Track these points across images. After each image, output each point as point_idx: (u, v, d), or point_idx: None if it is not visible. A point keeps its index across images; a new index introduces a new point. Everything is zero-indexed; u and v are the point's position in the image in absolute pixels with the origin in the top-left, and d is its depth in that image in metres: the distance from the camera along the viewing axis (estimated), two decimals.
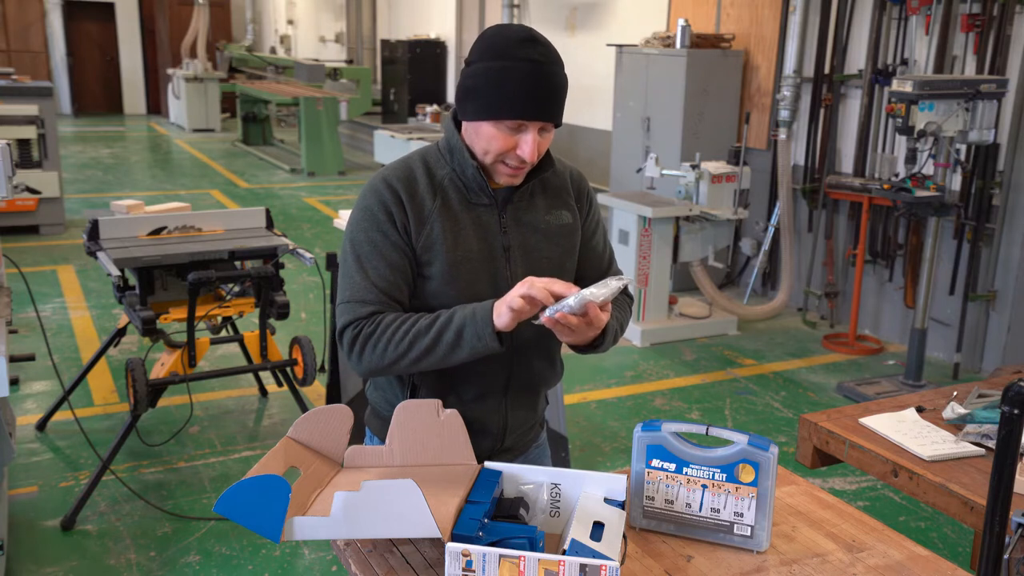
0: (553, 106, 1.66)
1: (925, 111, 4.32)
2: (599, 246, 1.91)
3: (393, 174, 1.74)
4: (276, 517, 1.46)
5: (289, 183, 10.80)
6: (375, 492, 1.43)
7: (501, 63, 1.62)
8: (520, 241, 1.76)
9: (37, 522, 3.41)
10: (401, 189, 1.71)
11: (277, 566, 3.19)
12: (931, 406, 2.39)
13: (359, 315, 1.68)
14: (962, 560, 3.22)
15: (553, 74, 1.64)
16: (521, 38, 1.63)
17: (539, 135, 1.66)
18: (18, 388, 4.54)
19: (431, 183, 1.73)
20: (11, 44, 15.83)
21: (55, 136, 7.68)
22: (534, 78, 1.62)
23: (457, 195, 1.74)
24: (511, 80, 1.62)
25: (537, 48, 1.63)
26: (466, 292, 1.71)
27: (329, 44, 16.09)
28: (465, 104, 1.68)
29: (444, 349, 1.64)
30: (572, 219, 1.83)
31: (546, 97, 1.64)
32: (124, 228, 3.84)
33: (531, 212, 1.79)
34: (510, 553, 1.40)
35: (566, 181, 1.85)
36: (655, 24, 7.47)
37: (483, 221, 1.74)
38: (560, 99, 1.67)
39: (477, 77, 1.65)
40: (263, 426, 4.31)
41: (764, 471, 1.59)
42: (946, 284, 5.31)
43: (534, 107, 1.63)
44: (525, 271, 1.74)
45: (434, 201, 1.71)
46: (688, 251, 5.68)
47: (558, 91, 1.66)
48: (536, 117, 1.64)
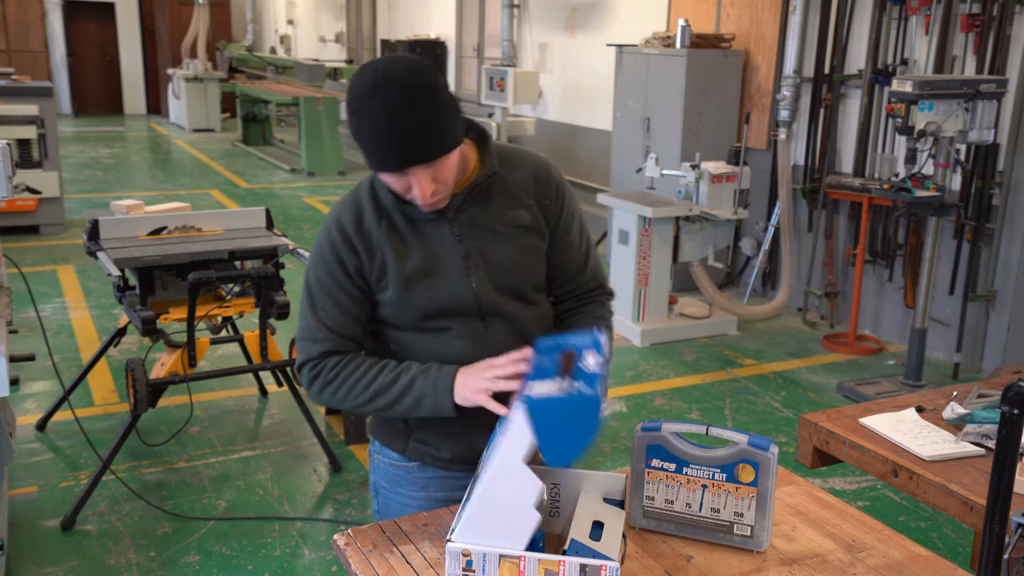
0: (417, 149, 1.56)
1: (925, 111, 4.32)
2: (575, 241, 1.86)
3: (343, 212, 1.73)
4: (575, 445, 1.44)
5: (289, 183, 10.80)
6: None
7: (356, 120, 1.58)
8: (478, 246, 1.73)
9: (37, 522, 3.41)
10: (351, 228, 1.71)
11: (277, 566, 3.18)
12: (931, 406, 2.39)
13: (312, 354, 1.75)
14: (962, 560, 3.22)
15: (405, 120, 1.54)
16: (368, 88, 1.55)
17: (429, 168, 1.59)
18: (18, 388, 4.54)
19: (376, 208, 1.72)
20: (11, 44, 15.83)
21: (55, 136, 7.68)
22: (385, 132, 1.54)
23: (401, 215, 1.71)
24: (366, 137, 1.57)
25: (381, 96, 1.53)
26: (428, 307, 1.72)
27: (329, 44, 16.08)
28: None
29: (402, 410, 1.72)
30: (532, 219, 1.77)
31: (404, 145, 1.55)
32: (124, 228, 3.84)
33: (485, 215, 1.74)
34: (510, 553, 1.40)
35: (527, 179, 1.78)
36: (655, 24, 7.47)
37: (433, 235, 1.72)
38: (423, 135, 1.56)
39: (349, 129, 1.62)
40: (263, 426, 4.31)
41: (764, 471, 1.59)
42: (946, 284, 5.31)
43: (394, 159, 1.57)
44: (489, 275, 1.73)
45: (380, 227, 1.71)
46: (688, 251, 5.68)
47: (417, 131, 1.55)
48: (399, 167, 1.58)
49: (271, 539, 3.35)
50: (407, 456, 1.86)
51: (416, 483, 1.87)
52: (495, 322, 1.75)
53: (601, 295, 1.93)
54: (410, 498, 1.88)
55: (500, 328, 1.75)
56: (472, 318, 1.74)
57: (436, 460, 1.83)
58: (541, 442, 1.42)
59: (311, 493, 3.71)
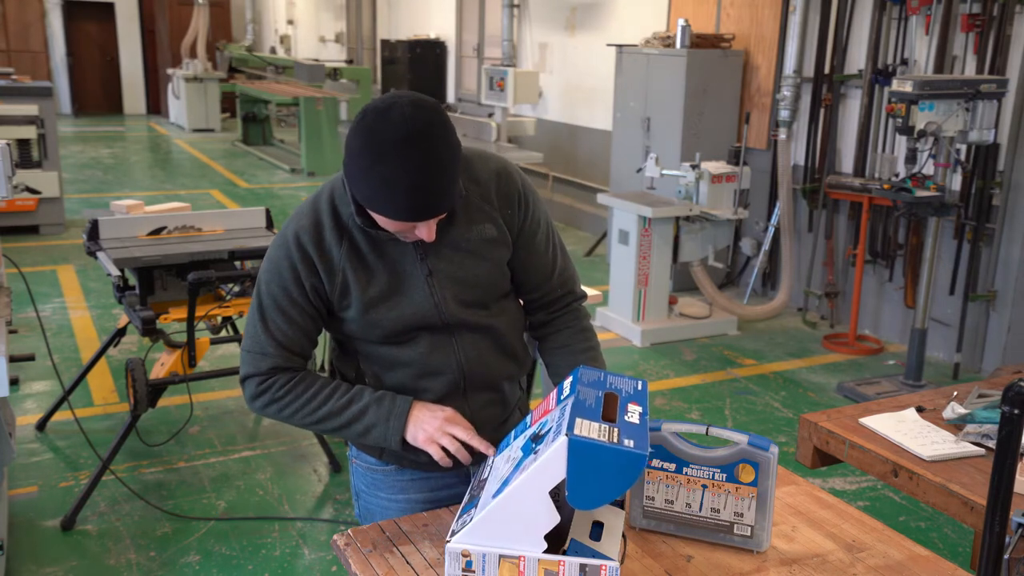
0: (442, 201, 1.55)
1: (925, 111, 4.32)
2: (541, 247, 1.80)
3: (302, 226, 1.67)
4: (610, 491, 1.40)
5: (289, 183, 10.80)
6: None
7: (382, 167, 1.49)
8: (442, 265, 1.70)
9: (37, 522, 3.41)
10: (310, 245, 1.65)
11: (277, 566, 3.18)
12: (931, 406, 2.39)
13: (260, 369, 1.71)
14: (962, 560, 3.22)
15: (436, 172, 1.51)
16: (404, 136, 1.48)
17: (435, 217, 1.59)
18: (18, 388, 4.54)
19: (336, 226, 1.66)
20: (11, 44, 15.83)
21: (55, 136, 7.68)
22: (418, 185, 1.50)
23: (363, 234, 1.67)
24: (395, 187, 1.50)
25: (419, 149, 1.48)
26: (391, 327, 1.70)
27: (329, 44, 16.08)
28: (353, 188, 1.57)
29: (350, 435, 1.74)
30: (497, 231, 1.73)
31: (432, 198, 1.53)
32: (124, 228, 3.84)
33: (449, 233, 1.68)
34: (510, 553, 1.40)
35: (488, 190, 1.73)
36: (655, 24, 7.47)
37: (396, 254, 1.68)
38: (447, 189, 1.54)
39: (361, 172, 1.52)
40: (263, 426, 4.31)
41: (764, 471, 1.59)
42: (946, 284, 5.31)
43: (421, 211, 1.54)
44: (453, 293, 1.71)
45: (340, 246, 1.66)
46: (688, 251, 5.68)
47: (444, 185, 1.53)
48: (425, 218, 1.56)
49: (271, 539, 3.35)
50: (384, 460, 1.86)
51: (395, 486, 1.87)
52: (461, 332, 1.75)
53: (573, 301, 1.88)
54: (389, 501, 1.88)
55: (467, 336, 1.75)
56: (437, 329, 1.73)
57: (413, 463, 1.82)
58: (571, 480, 1.37)
59: (311, 493, 3.71)
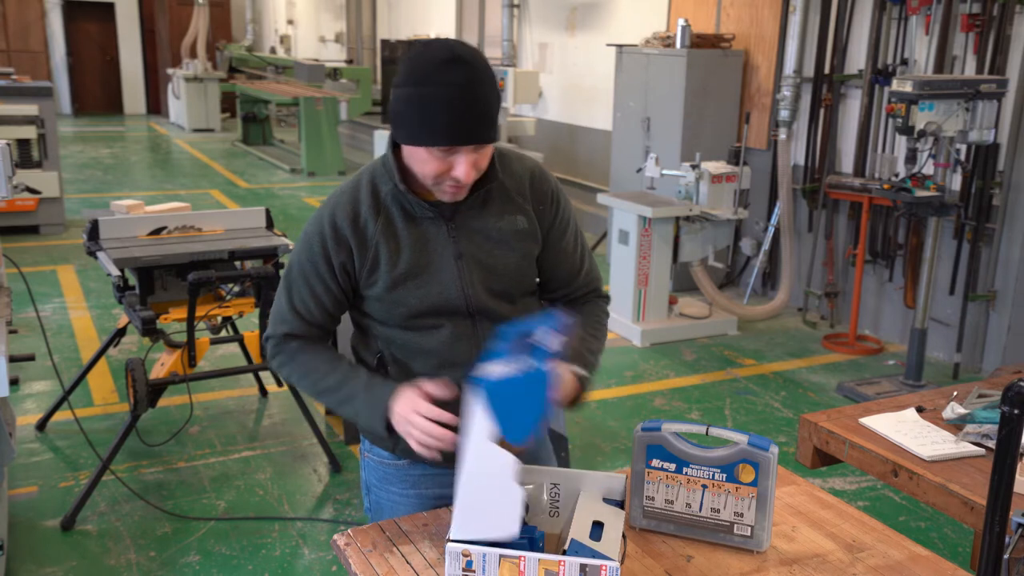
0: (481, 127, 1.60)
1: (925, 111, 4.32)
2: (569, 246, 1.86)
3: (340, 203, 1.74)
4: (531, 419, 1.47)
5: (289, 183, 10.80)
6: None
7: (424, 89, 1.57)
8: (472, 249, 1.74)
9: (37, 522, 3.41)
10: (345, 221, 1.71)
11: (277, 566, 3.19)
12: (931, 406, 2.39)
13: (276, 332, 1.81)
14: (962, 560, 3.22)
15: (478, 95, 1.58)
16: (443, 60, 1.57)
17: (475, 152, 1.63)
18: (18, 388, 4.54)
19: (374, 203, 1.72)
20: (11, 44, 15.83)
21: (55, 136, 7.68)
22: (457, 103, 1.56)
23: (400, 211, 1.72)
24: (435, 107, 1.57)
25: (460, 69, 1.57)
26: (417, 305, 1.73)
27: (329, 44, 16.08)
28: (397, 129, 1.65)
29: (344, 415, 1.83)
30: (528, 224, 1.78)
31: (472, 120, 1.59)
32: (124, 228, 3.84)
33: (481, 219, 1.75)
34: (510, 553, 1.40)
35: (523, 184, 1.79)
36: (655, 24, 7.47)
37: (429, 233, 1.73)
38: (489, 117, 1.61)
39: (404, 102, 1.61)
40: (263, 426, 4.31)
41: (764, 471, 1.59)
42: (946, 284, 5.31)
43: (461, 133, 1.59)
44: (481, 278, 1.75)
45: (376, 221, 1.71)
46: (688, 251, 5.68)
47: (485, 111, 1.60)
48: (464, 142, 1.60)
49: (271, 539, 3.35)
50: (397, 454, 1.86)
51: (407, 480, 1.88)
52: (483, 321, 1.76)
53: (595, 298, 1.93)
54: (401, 496, 1.89)
55: (489, 328, 1.76)
56: (460, 317, 1.75)
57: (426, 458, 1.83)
58: (499, 420, 1.45)
59: (311, 493, 3.71)
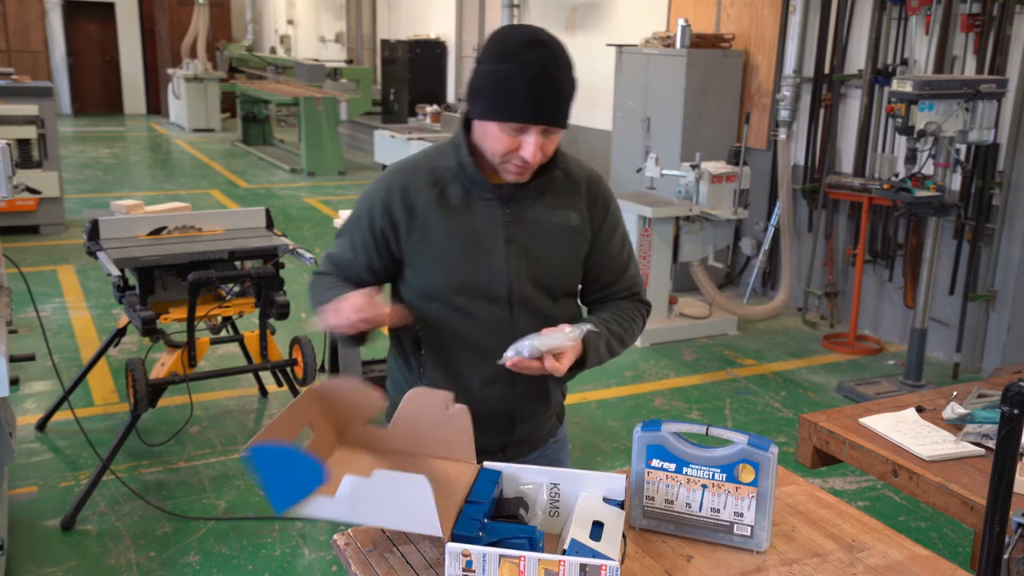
0: (554, 109, 1.67)
1: (925, 111, 4.32)
2: (616, 249, 1.91)
3: (397, 174, 1.81)
4: (295, 495, 1.50)
5: (289, 183, 10.80)
6: (385, 482, 1.43)
7: (505, 66, 1.65)
8: (523, 237, 1.79)
9: (37, 522, 3.41)
10: (396, 192, 1.78)
11: (277, 566, 3.18)
12: (931, 406, 2.39)
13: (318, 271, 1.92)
14: (962, 560, 3.22)
15: (556, 78, 1.66)
16: (526, 40, 1.65)
17: (543, 136, 1.69)
18: (18, 388, 4.54)
19: (431, 178, 1.78)
20: (11, 44, 15.84)
21: (55, 136, 7.68)
22: (535, 82, 1.64)
23: (459, 188, 1.77)
24: (513, 83, 1.64)
25: (541, 51, 1.65)
26: (461, 282, 1.76)
27: (329, 44, 16.08)
28: (473, 104, 1.72)
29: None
30: (580, 221, 1.84)
31: (547, 101, 1.66)
32: (124, 228, 3.84)
33: (536, 209, 1.80)
34: (510, 553, 1.40)
35: (579, 184, 1.86)
36: (655, 24, 7.47)
37: (483, 214, 1.77)
38: (563, 102, 1.69)
39: (483, 78, 1.69)
40: (263, 426, 4.30)
41: (764, 471, 1.59)
42: (946, 284, 5.31)
43: (534, 110, 1.66)
44: (527, 267, 1.78)
45: (430, 193, 1.76)
46: (688, 251, 5.68)
47: (560, 95, 1.68)
48: (536, 120, 1.67)
49: (271, 539, 3.35)
50: None
51: None
52: (522, 313, 1.79)
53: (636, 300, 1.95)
54: None
55: (525, 320, 1.79)
56: (500, 306, 1.78)
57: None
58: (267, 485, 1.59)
59: None
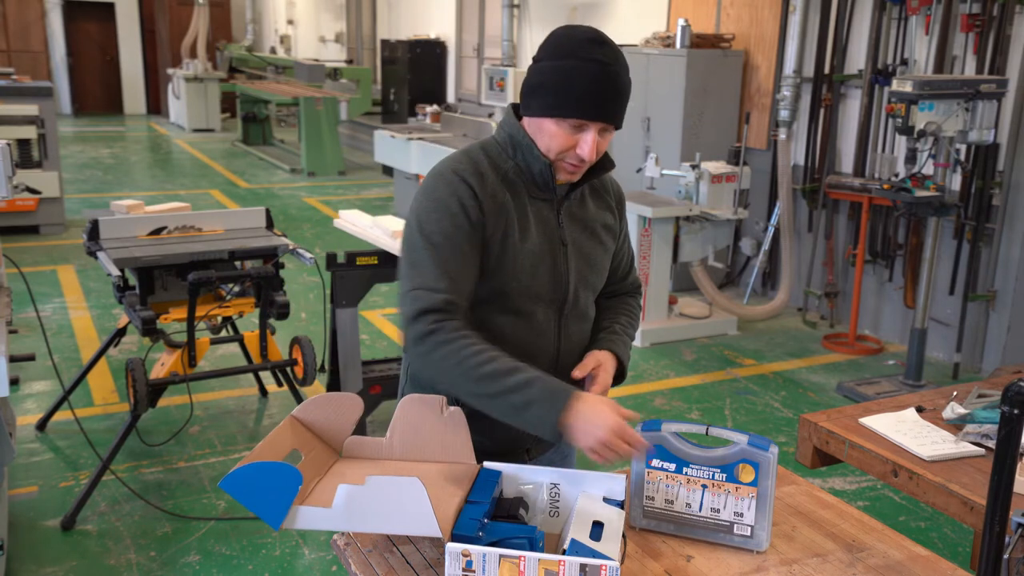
0: (615, 107, 1.69)
1: (925, 111, 4.32)
2: (626, 247, 2.00)
3: (462, 167, 1.70)
4: (281, 505, 1.47)
5: (289, 183, 10.80)
6: (380, 487, 1.43)
7: (568, 62, 1.65)
8: (574, 237, 1.81)
9: (37, 522, 3.41)
10: (474, 183, 1.69)
11: (277, 566, 3.19)
12: (931, 406, 2.39)
13: (434, 303, 1.61)
14: (962, 560, 3.22)
15: (617, 76, 1.67)
16: (589, 38, 1.66)
17: (599, 135, 1.70)
18: (18, 388, 4.54)
19: (498, 176, 1.74)
20: (11, 44, 15.83)
21: (55, 136, 7.68)
22: (598, 79, 1.64)
23: (522, 189, 1.76)
24: (576, 79, 1.64)
25: (604, 49, 1.66)
26: (529, 284, 1.74)
27: (329, 44, 16.08)
28: (530, 100, 1.71)
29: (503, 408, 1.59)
30: (613, 221, 1.90)
31: (609, 98, 1.67)
32: (124, 228, 3.84)
33: (583, 210, 1.84)
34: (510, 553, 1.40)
35: (610, 187, 1.93)
36: (655, 24, 7.47)
37: (544, 215, 1.78)
38: (623, 101, 1.70)
39: (544, 74, 1.68)
40: (263, 426, 4.31)
41: (764, 471, 1.59)
42: (946, 284, 5.31)
43: (597, 107, 1.66)
44: (577, 266, 1.81)
45: (505, 194, 1.73)
46: (688, 251, 5.68)
47: (621, 93, 1.69)
48: (598, 118, 1.67)
49: (271, 539, 3.35)
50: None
51: None
52: (571, 317, 1.81)
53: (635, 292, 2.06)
54: None
55: (573, 323, 1.82)
56: (555, 308, 1.79)
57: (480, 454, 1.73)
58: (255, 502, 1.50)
59: None
